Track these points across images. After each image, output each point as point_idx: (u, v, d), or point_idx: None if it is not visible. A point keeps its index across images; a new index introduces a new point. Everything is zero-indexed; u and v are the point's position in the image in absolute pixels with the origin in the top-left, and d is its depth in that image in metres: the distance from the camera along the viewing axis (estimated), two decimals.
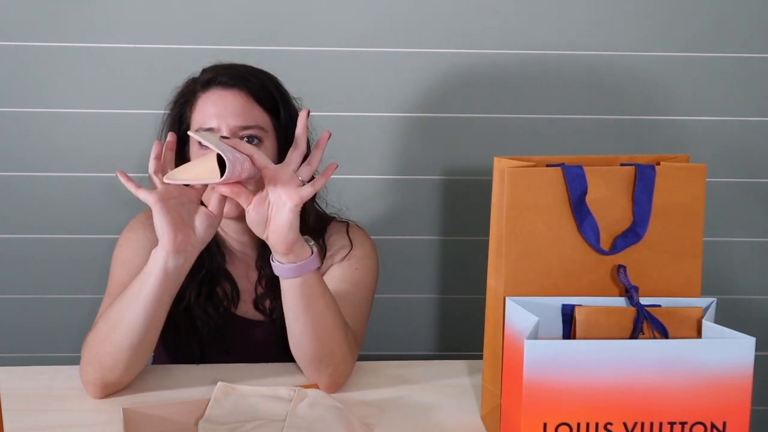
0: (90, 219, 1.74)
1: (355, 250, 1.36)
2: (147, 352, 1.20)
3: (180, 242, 1.13)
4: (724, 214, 1.78)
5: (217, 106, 1.29)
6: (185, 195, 1.15)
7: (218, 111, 1.28)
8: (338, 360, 1.21)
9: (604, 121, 1.73)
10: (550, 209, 1.07)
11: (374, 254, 1.39)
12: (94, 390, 1.20)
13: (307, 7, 1.65)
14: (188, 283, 1.30)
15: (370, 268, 1.37)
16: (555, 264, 1.08)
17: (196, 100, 1.32)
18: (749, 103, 1.73)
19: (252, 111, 1.30)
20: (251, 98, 1.30)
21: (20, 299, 1.79)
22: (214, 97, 1.30)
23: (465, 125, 1.71)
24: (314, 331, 1.19)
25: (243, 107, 1.29)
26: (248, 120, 1.29)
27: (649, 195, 1.07)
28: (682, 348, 0.97)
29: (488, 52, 1.68)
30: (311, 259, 1.15)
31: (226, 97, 1.29)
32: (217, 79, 1.31)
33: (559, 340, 1.04)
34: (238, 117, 1.28)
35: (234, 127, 1.28)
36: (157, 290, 1.14)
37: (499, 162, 1.09)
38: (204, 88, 1.32)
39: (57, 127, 1.69)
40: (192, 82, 1.35)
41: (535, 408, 0.97)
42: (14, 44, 1.64)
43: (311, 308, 1.17)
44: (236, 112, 1.29)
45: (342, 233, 1.39)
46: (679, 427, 0.98)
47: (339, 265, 1.35)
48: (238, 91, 1.30)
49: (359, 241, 1.38)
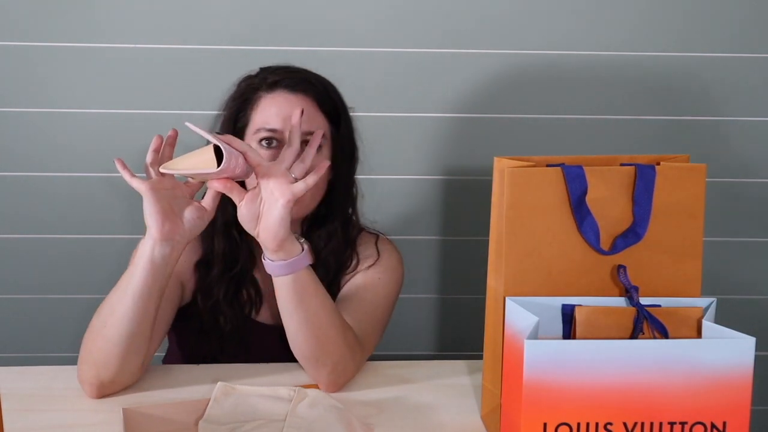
0: (90, 219, 1.74)
1: (382, 261, 1.38)
2: (140, 348, 1.19)
3: (167, 231, 1.14)
4: (724, 214, 1.78)
5: (282, 108, 1.30)
6: (178, 188, 1.17)
7: (284, 113, 1.29)
8: (336, 359, 1.21)
9: (604, 121, 1.73)
10: (550, 209, 1.07)
11: (400, 268, 1.41)
12: (90, 389, 1.20)
13: (303, 8, 1.65)
14: (218, 281, 1.32)
15: (394, 281, 1.38)
16: (555, 264, 1.08)
17: (259, 100, 1.32)
18: (749, 103, 1.73)
19: (316, 117, 1.31)
20: (315, 104, 1.32)
21: (20, 299, 1.79)
22: (279, 99, 1.31)
23: (465, 125, 1.71)
24: (308, 329, 1.19)
25: (308, 112, 1.30)
26: (312, 125, 1.30)
27: (649, 195, 1.07)
28: (682, 348, 0.97)
29: (488, 52, 1.68)
30: (302, 256, 1.16)
31: (293, 101, 1.30)
32: (284, 81, 1.32)
33: (559, 340, 1.04)
34: (304, 122, 1.29)
35: None
36: (144, 280, 1.15)
37: (499, 162, 1.09)
38: (269, 89, 1.32)
39: (57, 127, 1.69)
40: (254, 82, 1.35)
41: (535, 408, 0.97)
42: (14, 44, 1.64)
43: (304, 306, 1.18)
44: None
45: (371, 244, 1.40)
46: (679, 427, 0.98)
47: (364, 273, 1.36)
48: (304, 95, 1.31)
49: (386, 253, 1.39)
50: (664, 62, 1.70)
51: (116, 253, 1.75)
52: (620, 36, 1.68)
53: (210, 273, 1.35)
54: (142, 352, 1.21)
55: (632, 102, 1.72)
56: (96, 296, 1.76)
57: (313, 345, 1.20)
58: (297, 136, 1.16)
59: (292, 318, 1.19)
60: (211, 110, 1.70)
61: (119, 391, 1.22)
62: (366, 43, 1.66)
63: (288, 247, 1.15)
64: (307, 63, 1.65)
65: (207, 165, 1.08)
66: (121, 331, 1.16)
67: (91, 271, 1.76)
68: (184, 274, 1.35)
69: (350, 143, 1.38)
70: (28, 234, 1.75)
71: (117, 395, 1.21)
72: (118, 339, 1.16)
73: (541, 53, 1.68)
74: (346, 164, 1.37)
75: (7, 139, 1.69)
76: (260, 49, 1.66)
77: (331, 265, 1.37)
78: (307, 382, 1.25)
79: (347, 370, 1.24)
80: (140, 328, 1.17)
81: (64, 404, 1.19)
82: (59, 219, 1.74)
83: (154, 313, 1.18)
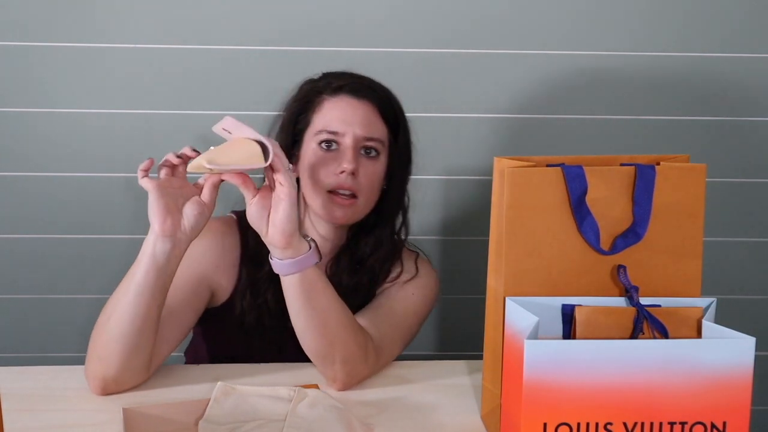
0: (90, 219, 1.74)
1: (419, 278, 1.39)
2: (142, 347, 1.19)
3: (169, 226, 1.14)
4: (724, 214, 1.78)
5: (346, 112, 1.32)
6: (186, 188, 1.17)
7: (347, 117, 1.31)
8: (344, 357, 1.21)
9: (604, 121, 1.73)
10: (550, 209, 1.07)
11: (435, 288, 1.42)
12: (94, 385, 1.20)
13: (302, 7, 1.65)
14: (268, 279, 1.32)
15: (427, 299, 1.39)
16: (555, 264, 1.08)
17: (322, 103, 1.34)
18: (749, 103, 1.73)
19: (377, 124, 1.33)
20: (377, 111, 1.34)
21: (20, 299, 1.79)
22: (342, 103, 1.33)
23: (465, 125, 1.71)
24: (316, 328, 1.19)
25: (370, 118, 1.32)
26: (373, 132, 1.32)
27: (649, 195, 1.07)
28: (682, 348, 0.97)
29: (488, 52, 1.68)
30: (309, 253, 1.16)
31: (356, 106, 1.32)
32: (348, 86, 1.34)
33: (559, 340, 1.04)
34: (365, 127, 1.31)
35: (359, 136, 1.31)
36: (145, 275, 1.15)
37: (499, 162, 1.09)
38: (333, 93, 1.34)
39: (57, 127, 1.69)
40: (317, 85, 1.37)
41: (535, 408, 0.97)
42: (14, 44, 1.64)
43: (311, 304, 1.18)
44: (363, 122, 1.32)
45: (411, 260, 1.41)
46: (679, 427, 0.98)
47: (399, 285, 1.37)
48: (367, 102, 1.33)
49: (424, 272, 1.41)
50: (664, 62, 1.70)
51: (116, 253, 1.75)
52: (620, 36, 1.68)
53: (259, 271, 1.34)
54: (145, 351, 1.20)
55: (632, 102, 1.72)
56: (96, 296, 1.77)
57: (321, 343, 1.20)
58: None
59: (299, 316, 1.19)
60: (210, 110, 1.71)
61: (124, 391, 1.21)
62: (366, 43, 1.66)
63: (296, 244, 1.15)
64: (307, 63, 1.66)
65: (254, 160, 1.08)
66: (123, 326, 1.16)
67: (91, 271, 1.76)
68: (215, 275, 1.34)
69: (406, 153, 1.40)
70: (28, 234, 1.75)
71: (117, 395, 1.20)
72: (119, 335, 1.16)
73: (541, 53, 1.69)
74: (400, 173, 1.39)
75: (7, 139, 1.69)
76: (260, 49, 1.66)
77: (376, 273, 1.38)
78: (308, 381, 1.25)
79: (357, 370, 1.24)
80: (142, 324, 1.17)
81: (64, 404, 1.19)
82: (59, 219, 1.74)
83: (157, 310, 1.18)
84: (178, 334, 1.28)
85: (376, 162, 1.33)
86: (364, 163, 1.32)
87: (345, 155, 1.30)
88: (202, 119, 1.69)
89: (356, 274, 1.38)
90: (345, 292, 1.32)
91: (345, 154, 1.30)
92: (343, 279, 1.37)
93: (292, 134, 1.37)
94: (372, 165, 1.33)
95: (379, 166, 1.34)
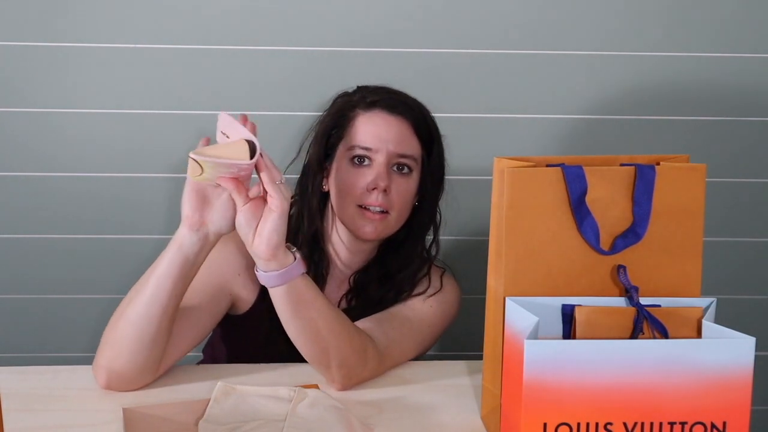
0: (91, 219, 1.74)
1: (442, 294, 1.39)
2: (154, 340, 1.18)
3: (196, 220, 1.14)
4: (724, 214, 1.78)
5: (380, 127, 1.32)
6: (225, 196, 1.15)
7: (381, 133, 1.32)
8: (339, 362, 1.21)
9: (604, 121, 1.73)
10: (550, 209, 1.07)
11: (456, 305, 1.42)
12: (100, 375, 1.19)
13: (302, 7, 1.64)
14: None
15: (446, 314, 1.39)
16: (555, 264, 1.08)
17: (356, 117, 1.34)
18: (749, 103, 1.73)
19: (411, 141, 1.34)
20: (412, 128, 1.34)
21: (20, 299, 1.79)
22: (377, 118, 1.33)
23: (465, 125, 1.71)
24: (307, 336, 1.19)
25: (404, 135, 1.33)
26: (406, 149, 1.33)
27: (649, 195, 1.07)
28: (682, 348, 0.97)
29: (488, 52, 1.68)
30: (294, 265, 1.15)
31: (390, 122, 1.33)
32: (383, 101, 1.34)
33: (559, 340, 1.04)
34: (399, 144, 1.32)
35: (392, 153, 1.31)
36: (170, 264, 1.15)
37: (499, 162, 1.08)
38: (367, 108, 1.34)
39: (57, 127, 1.69)
40: (352, 99, 1.37)
41: (535, 408, 0.97)
42: (14, 44, 1.64)
43: (300, 315, 1.18)
44: (397, 139, 1.32)
45: (437, 276, 1.41)
46: (679, 427, 0.98)
47: (422, 299, 1.37)
48: (402, 118, 1.33)
49: (448, 288, 1.41)
50: (664, 62, 1.70)
51: (117, 253, 1.75)
52: (620, 36, 1.68)
53: None
54: (157, 346, 1.19)
55: (632, 102, 1.72)
56: (96, 296, 1.77)
57: (314, 350, 1.20)
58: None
59: (289, 325, 1.19)
60: (211, 110, 1.70)
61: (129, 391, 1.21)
62: (365, 43, 1.66)
63: (281, 257, 1.14)
64: (307, 62, 1.66)
65: (239, 155, 1.09)
66: (139, 312, 1.16)
67: (91, 271, 1.76)
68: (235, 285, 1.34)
69: (440, 170, 1.40)
70: (28, 234, 1.75)
71: (117, 395, 1.20)
72: (135, 318, 1.16)
73: (541, 53, 1.68)
74: (433, 190, 1.39)
75: (7, 139, 1.69)
76: (260, 49, 1.66)
77: (404, 289, 1.38)
78: (308, 381, 1.25)
79: (354, 373, 1.24)
80: (159, 314, 1.16)
81: (64, 404, 1.19)
82: (59, 219, 1.74)
83: (175, 302, 1.17)
84: (193, 335, 1.27)
85: (409, 179, 1.34)
86: (396, 180, 1.32)
87: (377, 172, 1.30)
88: (202, 119, 1.69)
89: (383, 287, 1.39)
90: (370, 305, 1.33)
91: (377, 170, 1.30)
92: (371, 291, 1.38)
93: (324, 148, 1.37)
94: (405, 182, 1.33)
95: (412, 183, 1.34)
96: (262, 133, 1.14)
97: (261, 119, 1.67)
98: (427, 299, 1.37)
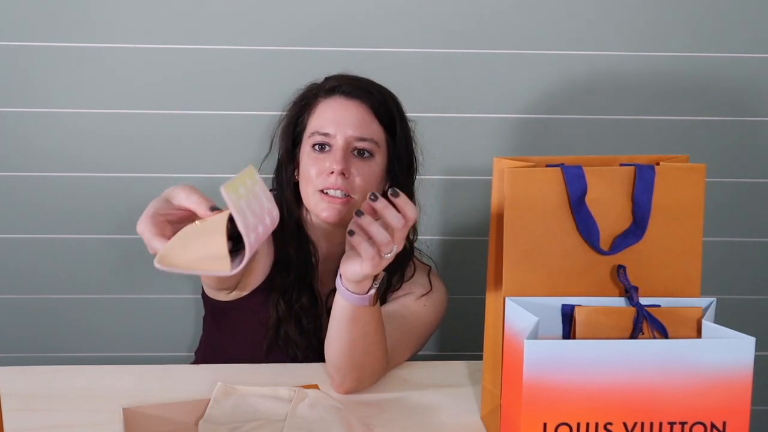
0: (90, 219, 1.74)
1: (433, 293, 1.39)
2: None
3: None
4: (724, 214, 1.78)
5: (337, 113, 1.32)
6: None
7: (337, 118, 1.32)
8: (359, 376, 1.22)
9: (604, 121, 1.73)
10: (550, 209, 1.07)
11: (446, 302, 1.42)
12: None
13: (302, 7, 1.65)
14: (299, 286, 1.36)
15: (438, 312, 1.40)
16: (555, 264, 1.08)
17: (317, 105, 1.36)
18: (749, 103, 1.73)
19: (370, 124, 1.33)
20: (371, 112, 1.34)
21: (20, 299, 1.79)
22: (335, 104, 1.34)
23: (465, 125, 1.71)
24: (343, 349, 1.18)
25: (362, 119, 1.33)
26: (365, 132, 1.32)
27: (649, 195, 1.07)
28: (682, 348, 0.97)
29: (488, 52, 1.68)
30: (366, 296, 1.12)
31: (348, 107, 1.33)
32: (341, 87, 1.35)
33: (559, 340, 1.04)
34: (356, 128, 1.31)
35: (350, 137, 1.31)
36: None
37: (499, 162, 1.09)
38: (326, 95, 1.35)
39: (56, 127, 1.69)
40: (314, 87, 1.39)
41: (535, 408, 0.97)
42: (14, 44, 1.64)
43: (347, 328, 1.16)
44: (355, 123, 1.32)
45: (424, 275, 1.42)
46: (679, 427, 0.98)
47: (413, 298, 1.37)
48: (360, 102, 1.34)
49: (437, 287, 1.41)
50: (665, 63, 1.70)
51: (117, 253, 1.75)
52: (620, 36, 1.68)
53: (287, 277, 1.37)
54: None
55: (632, 102, 1.72)
56: (96, 296, 1.77)
57: (343, 361, 1.20)
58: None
59: (332, 329, 1.18)
60: (211, 110, 1.71)
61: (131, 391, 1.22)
62: (366, 43, 1.66)
63: (364, 284, 1.11)
64: (307, 62, 1.66)
65: (219, 265, 0.83)
66: None
67: (91, 271, 1.76)
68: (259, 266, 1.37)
69: (407, 153, 1.40)
70: (28, 234, 1.75)
71: (117, 395, 1.20)
72: None
73: (541, 53, 1.68)
74: (402, 174, 1.38)
75: (7, 139, 1.69)
76: (260, 49, 1.66)
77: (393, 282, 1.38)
78: (308, 381, 1.25)
79: (366, 384, 1.24)
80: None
81: (64, 404, 1.19)
82: (59, 219, 1.74)
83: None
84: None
85: (371, 162, 1.33)
86: (356, 164, 1.32)
87: (334, 156, 1.31)
88: (202, 119, 1.69)
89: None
90: None
91: (335, 154, 1.31)
92: None
93: (292, 136, 1.38)
94: (366, 165, 1.33)
95: (375, 166, 1.34)
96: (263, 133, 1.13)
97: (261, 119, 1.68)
98: (419, 299, 1.37)
